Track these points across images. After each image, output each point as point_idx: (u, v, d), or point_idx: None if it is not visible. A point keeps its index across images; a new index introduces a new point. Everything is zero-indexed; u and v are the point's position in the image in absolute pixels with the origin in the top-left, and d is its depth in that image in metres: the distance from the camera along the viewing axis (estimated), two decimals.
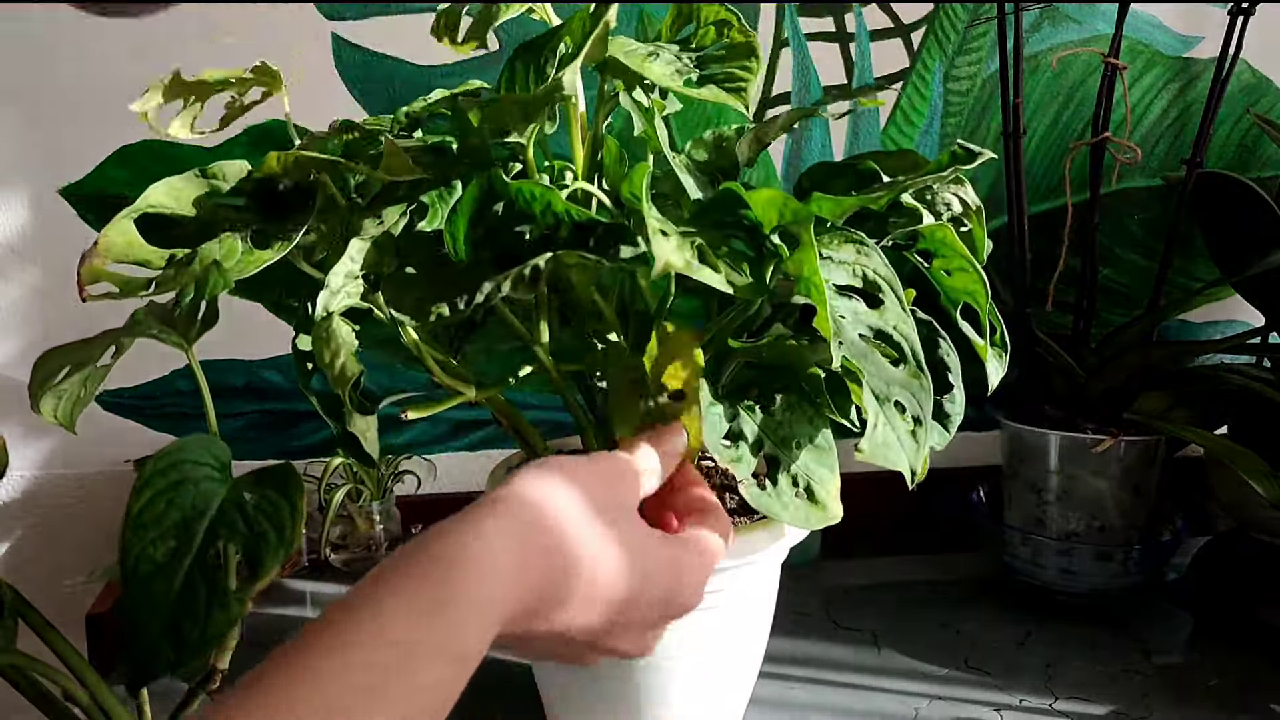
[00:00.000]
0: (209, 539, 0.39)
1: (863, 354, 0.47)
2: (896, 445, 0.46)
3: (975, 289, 0.51)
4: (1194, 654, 0.78)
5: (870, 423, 0.45)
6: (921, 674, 0.73)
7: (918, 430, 0.47)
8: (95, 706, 0.45)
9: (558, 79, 0.46)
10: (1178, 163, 1.07)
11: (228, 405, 0.93)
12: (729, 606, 0.56)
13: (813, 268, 0.44)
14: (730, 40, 0.54)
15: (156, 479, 0.40)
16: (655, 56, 0.51)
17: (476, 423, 0.98)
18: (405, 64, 0.90)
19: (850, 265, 0.49)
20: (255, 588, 0.37)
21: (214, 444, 0.44)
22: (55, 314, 0.88)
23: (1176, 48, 1.04)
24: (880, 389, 0.47)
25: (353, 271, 0.45)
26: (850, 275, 0.49)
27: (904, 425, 0.47)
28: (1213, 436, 0.82)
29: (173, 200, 0.47)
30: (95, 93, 0.85)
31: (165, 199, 0.47)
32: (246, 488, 0.41)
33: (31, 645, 0.47)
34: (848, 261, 0.49)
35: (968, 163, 0.50)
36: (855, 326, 0.48)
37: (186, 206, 0.48)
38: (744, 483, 0.47)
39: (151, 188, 0.47)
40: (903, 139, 1.01)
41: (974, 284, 0.51)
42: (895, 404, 0.47)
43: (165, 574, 0.37)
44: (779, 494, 0.48)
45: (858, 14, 0.97)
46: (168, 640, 0.36)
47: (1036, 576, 0.83)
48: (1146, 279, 1.10)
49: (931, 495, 1.10)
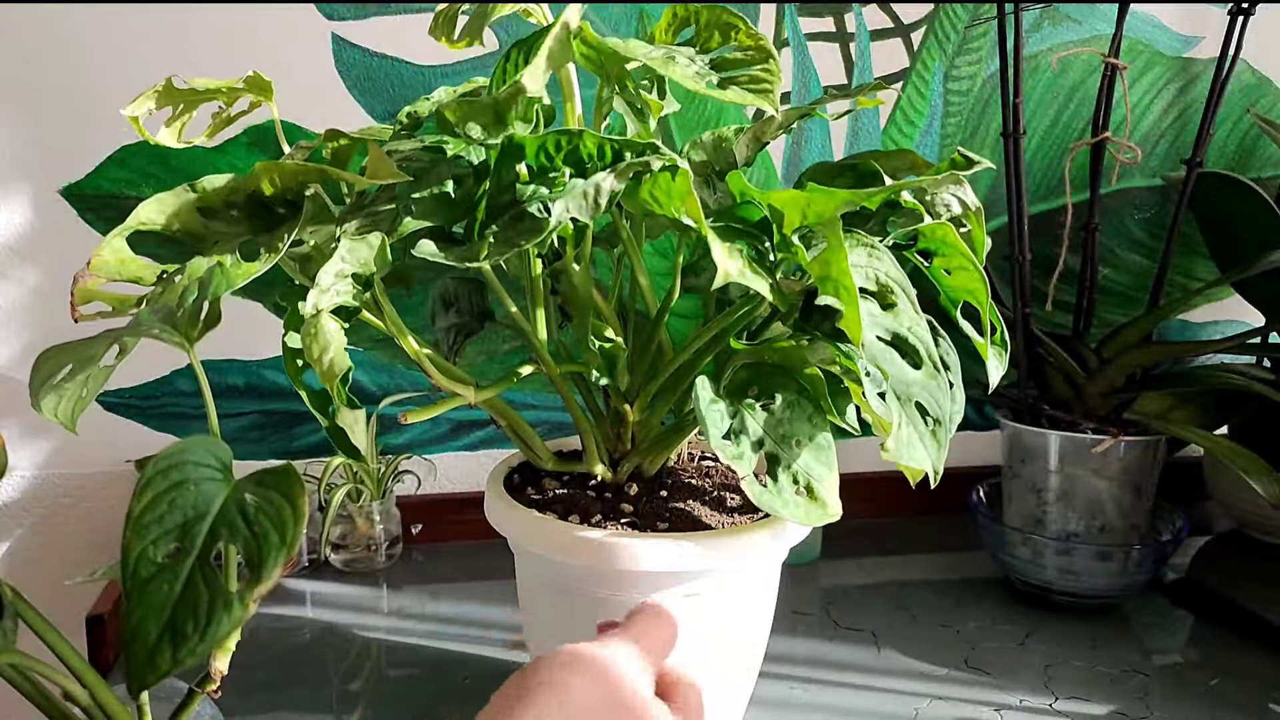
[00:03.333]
0: (210, 540, 0.39)
1: (882, 356, 0.48)
2: (920, 445, 0.47)
3: (976, 288, 0.51)
4: (1194, 654, 0.78)
5: (895, 424, 0.46)
6: (921, 674, 0.73)
7: (938, 430, 0.48)
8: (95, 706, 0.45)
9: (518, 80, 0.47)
10: (1178, 163, 1.07)
11: (229, 405, 0.93)
12: (730, 604, 0.56)
13: (842, 268, 0.44)
14: (740, 43, 0.54)
15: (158, 479, 0.40)
16: (673, 60, 0.51)
17: (476, 423, 0.98)
18: (405, 64, 0.90)
19: (863, 268, 0.49)
20: (258, 589, 0.37)
21: (215, 444, 0.44)
22: (55, 314, 0.88)
23: (1176, 48, 1.05)
24: (902, 390, 0.48)
25: (343, 271, 0.46)
26: (864, 278, 0.49)
27: (925, 426, 0.48)
28: (1213, 436, 0.82)
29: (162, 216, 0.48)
30: (96, 92, 0.85)
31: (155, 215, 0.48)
32: (248, 488, 0.41)
33: (31, 645, 0.47)
34: (860, 264, 0.49)
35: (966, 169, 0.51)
36: (873, 329, 0.48)
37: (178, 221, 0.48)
38: (745, 480, 0.47)
39: (141, 205, 0.48)
40: (903, 139, 1.01)
41: (975, 283, 0.51)
42: (916, 405, 0.48)
43: (167, 575, 0.37)
44: (779, 491, 0.48)
45: (858, 14, 0.97)
46: (168, 642, 0.36)
47: (1036, 576, 0.83)
48: (1146, 279, 1.10)
49: (931, 495, 1.10)
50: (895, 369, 0.48)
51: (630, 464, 0.60)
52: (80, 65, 0.84)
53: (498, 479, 0.62)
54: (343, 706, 0.68)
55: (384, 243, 0.47)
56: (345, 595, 0.86)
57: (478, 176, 0.52)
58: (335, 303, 0.45)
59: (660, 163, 0.45)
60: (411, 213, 0.49)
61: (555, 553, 0.54)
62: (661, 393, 0.58)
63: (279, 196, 0.50)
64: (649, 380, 0.58)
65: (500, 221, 0.48)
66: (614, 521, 0.56)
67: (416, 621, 0.81)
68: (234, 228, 0.50)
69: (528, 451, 0.62)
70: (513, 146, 0.48)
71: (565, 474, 0.62)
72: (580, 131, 0.47)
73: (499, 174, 0.49)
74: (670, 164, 0.45)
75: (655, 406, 0.59)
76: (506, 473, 0.64)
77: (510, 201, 0.48)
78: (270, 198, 0.50)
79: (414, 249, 0.47)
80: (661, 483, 0.61)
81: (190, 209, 0.49)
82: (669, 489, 0.60)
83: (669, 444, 0.59)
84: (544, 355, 0.58)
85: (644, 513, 0.57)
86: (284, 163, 0.48)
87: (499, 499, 0.58)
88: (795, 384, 0.50)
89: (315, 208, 0.49)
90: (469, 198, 0.51)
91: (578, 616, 0.56)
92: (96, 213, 0.87)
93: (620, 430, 0.60)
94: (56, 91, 0.85)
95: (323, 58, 0.89)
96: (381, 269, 0.47)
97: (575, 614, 0.57)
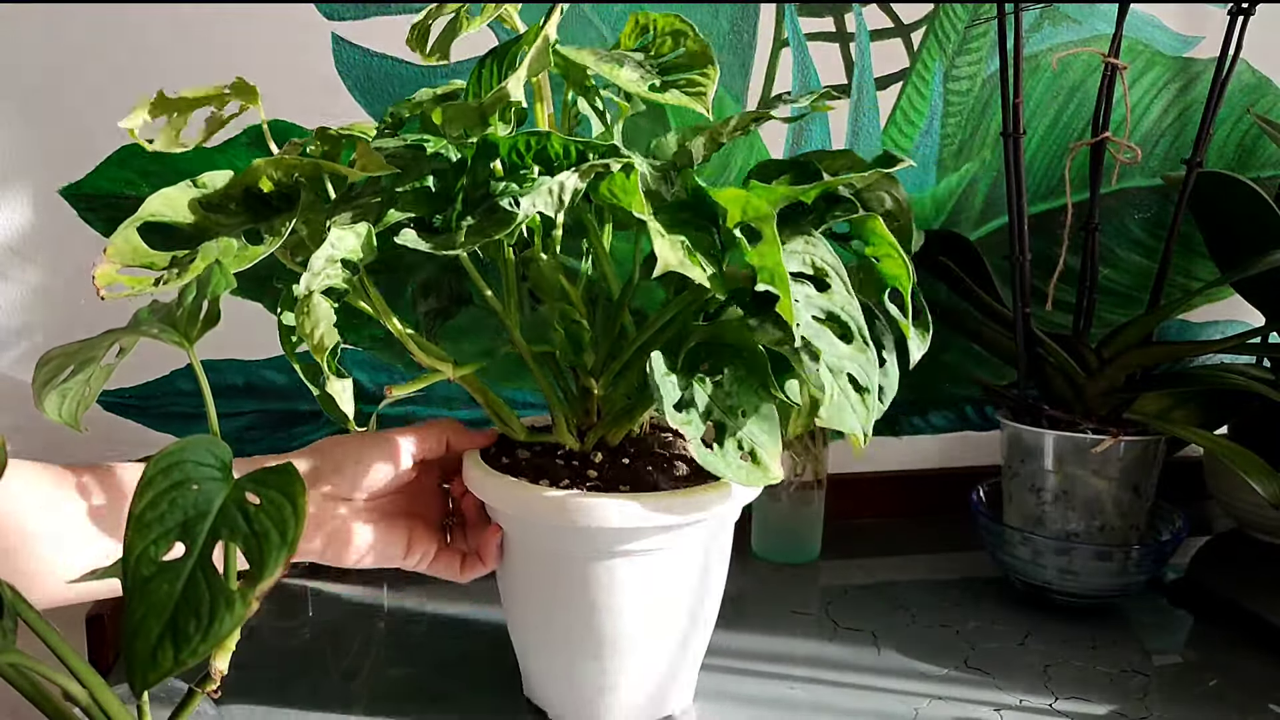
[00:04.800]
0: (212, 539, 0.39)
1: (817, 334, 0.54)
2: (850, 411, 0.54)
3: (900, 274, 0.58)
4: (1194, 654, 0.78)
5: (827, 393, 0.53)
6: (921, 674, 0.74)
7: (866, 398, 0.54)
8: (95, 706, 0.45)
9: (503, 86, 0.52)
10: (1178, 163, 1.07)
11: (228, 405, 0.93)
12: (680, 559, 0.63)
13: (775, 259, 0.50)
14: (687, 49, 0.60)
15: (158, 479, 0.40)
16: (621, 63, 0.57)
17: (473, 423, 0.98)
18: (405, 64, 0.90)
19: (800, 254, 0.55)
20: (260, 588, 0.37)
21: (215, 444, 0.44)
22: (55, 314, 0.88)
23: (1176, 48, 1.05)
24: (834, 363, 0.54)
25: (333, 256, 0.50)
26: (801, 263, 0.55)
27: (856, 395, 0.54)
28: (1213, 436, 0.82)
29: (169, 209, 0.51)
30: (96, 92, 0.85)
31: (163, 208, 0.51)
32: (248, 487, 0.41)
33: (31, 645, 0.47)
34: (798, 251, 0.55)
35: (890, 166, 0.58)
36: (808, 309, 0.54)
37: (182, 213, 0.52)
38: (692, 443, 0.53)
39: (149, 199, 0.51)
40: (903, 139, 1.01)
41: (899, 269, 0.58)
42: (848, 376, 0.54)
43: (168, 574, 0.37)
44: (724, 455, 0.53)
45: (858, 14, 0.98)
46: (170, 641, 0.36)
47: (1036, 576, 0.83)
48: (1146, 279, 1.10)
49: (931, 495, 1.11)
50: (829, 345, 0.54)
51: (596, 435, 0.65)
52: (80, 65, 0.84)
53: (473, 450, 0.67)
54: (342, 706, 0.68)
55: (370, 232, 0.52)
56: (345, 595, 0.86)
57: (455, 172, 0.56)
58: (325, 284, 0.50)
59: (620, 163, 0.51)
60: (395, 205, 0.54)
61: (523, 512, 0.61)
62: (624, 370, 0.63)
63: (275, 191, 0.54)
64: (612, 359, 0.63)
65: (475, 214, 0.53)
66: (580, 485, 0.61)
67: (417, 622, 0.81)
68: (233, 219, 0.53)
69: (502, 426, 0.67)
70: (488, 145, 0.53)
71: (536, 445, 0.68)
72: (548, 133, 0.52)
73: (475, 170, 0.54)
74: (628, 164, 0.51)
75: (618, 383, 0.64)
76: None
77: (484, 196, 0.53)
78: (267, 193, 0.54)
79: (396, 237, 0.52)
80: (625, 451, 0.66)
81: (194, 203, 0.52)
82: (631, 457, 0.65)
83: (631, 417, 0.64)
84: (515, 335, 0.63)
85: (608, 477, 0.63)
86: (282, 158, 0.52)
87: (475, 466, 0.64)
88: (743, 361, 0.55)
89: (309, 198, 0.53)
90: (447, 191, 0.56)
91: (544, 572, 0.63)
92: (96, 213, 0.87)
93: (587, 405, 0.66)
94: (56, 91, 0.85)
95: (323, 58, 0.89)
96: (368, 255, 0.52)
97: (543, 569, 0.63)
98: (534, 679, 0.68)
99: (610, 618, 0.62)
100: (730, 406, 0.54)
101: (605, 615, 0.61)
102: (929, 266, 0.99)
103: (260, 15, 0.86)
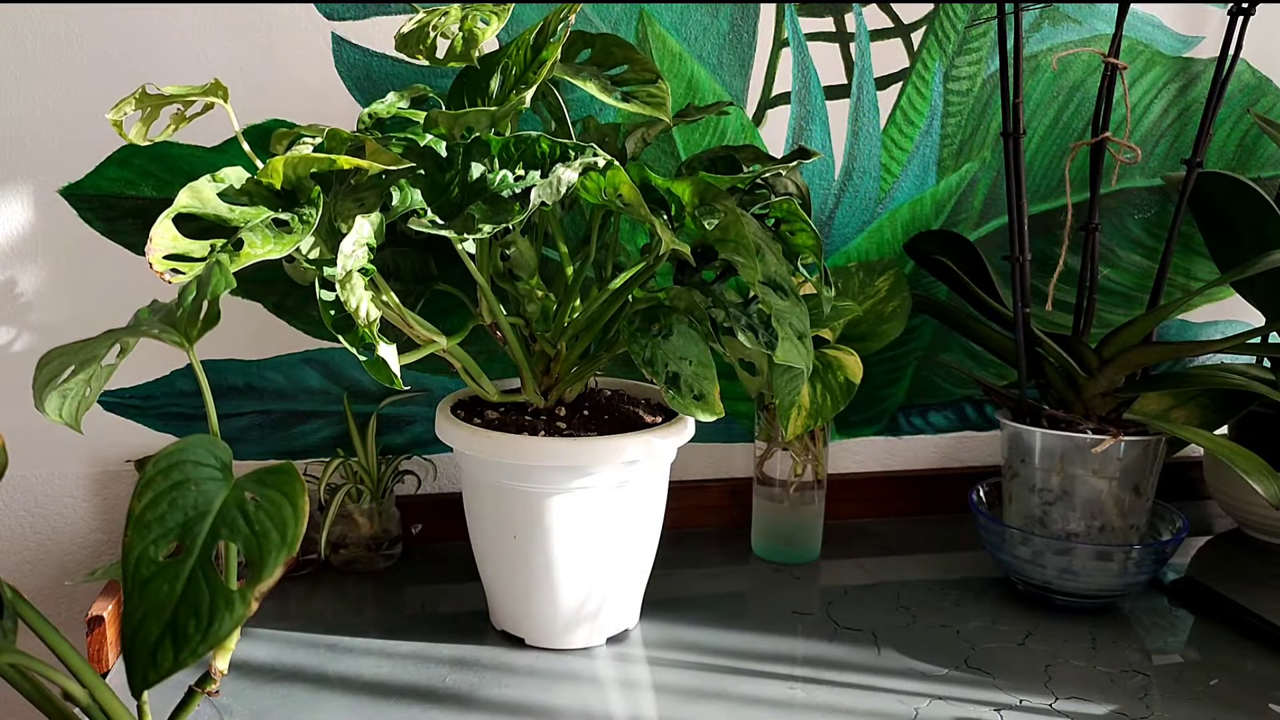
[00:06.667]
0: (211, 539, 0.39)
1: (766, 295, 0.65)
2: (795, 352, 0.65)
3: (812, 244, 0.71)
4: (1194, 654, 0.78)
5: (781, 337, 0.65)
6: (921, 674, 0.74)
7: (805, 340, 0.67)
8: (95, 706, 0.45)
9: (521, 98, 0.64)
10: (1178, 163, 1.07)
11: (228, 405, 0.93)
12: (637, 489, 0.75)
13: (742, 233, 0.62)
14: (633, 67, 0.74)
15: (158, 479, 0.40)
16: (589, 78, 0.70)
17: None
18: (405, 64, 0.90)
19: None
20: (260, 588, 0.37)
21: (215, 444, 0.44)
22: (56, 314, 0.88)
23: (1176, 48, 1.05)
24: (782, 316, 0.66)
25: (360, 240, 0.58)
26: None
27: (795, 339, 0.66)
28: (1213, 436, 0.82)
29: (197, 201, 0.55)
30: (96, 92, 0.85)
31: (191, 201, 0.55)
32: (248, 488, 0.41)
33: (32, 645, 0.47)
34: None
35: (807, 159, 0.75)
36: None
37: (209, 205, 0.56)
38: (662, 390, 0.67)
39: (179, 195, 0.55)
40: (903, 139, 1.01)
41: (811, 240, 0.71)
42: (790, 325, 0.66)
43: (168, 574, 0.37)
44: (684, 397, 0.68)
45: (858, 14, 0.98)
46: (170, 641, 0.36)
47: (1037, 576, 0.83)
48: (1146, 279, 1.10)
49: (931, 495, 1.11)
50: (775, 302, 0.66)
51: (557, 392, 0.78)
52: (80, 65, 0.84)
53: (444, 408, 0.78)
54: (342, 706, 0.68)
55: (382, 220, 0.59)
56: (345, 595, 0.86)
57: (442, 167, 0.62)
58: (358, 265, 0.58)
59: (602, 160, 0.61)
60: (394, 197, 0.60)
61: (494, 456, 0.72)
62: (578, 335, 0.76)
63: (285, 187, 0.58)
64: (566, 327, 0.76)
65: (480, 202, 0.60)
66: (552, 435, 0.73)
67: (417, 622, 0.81)
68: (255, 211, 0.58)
69: (476, 388, 0.77)
70: (480, 144, 0.61)
71: (501, 405, 0.80)
72: (538, 135, 0.61)
73: (466, 165, 0.61)
74: (609, 162, 0.61)
75: (573, 347, 0.77)
76: (453, 403, 0.81)
77: (481, 188, 0.61)
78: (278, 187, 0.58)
79: (410, 222, 0.59)
80: (582, 407, 0.80)
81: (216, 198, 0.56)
82: (589, 409, 0.80)
83: (581, 375, 0.78)
84: (497, 308, 0.73)
85: (574, 425, 0.76)
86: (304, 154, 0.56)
87: (446, 420, 0.75)
88: (685, 319, 0.70)
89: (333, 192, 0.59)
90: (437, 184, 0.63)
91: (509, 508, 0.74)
92: (96, 213, 0.87)
93: (549, 366, 0.78)
94: (56, 91, 0.85)
95: (323, 58, 0.89)
96: (380, 239, 0.59)
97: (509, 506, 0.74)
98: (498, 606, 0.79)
99: (563, 542, 0.73)
100: (681, 358, 0.69)
101: (558, 538, 0.73)
102: (929, 266, 0.99)
103: (260, 15, 0.86)
